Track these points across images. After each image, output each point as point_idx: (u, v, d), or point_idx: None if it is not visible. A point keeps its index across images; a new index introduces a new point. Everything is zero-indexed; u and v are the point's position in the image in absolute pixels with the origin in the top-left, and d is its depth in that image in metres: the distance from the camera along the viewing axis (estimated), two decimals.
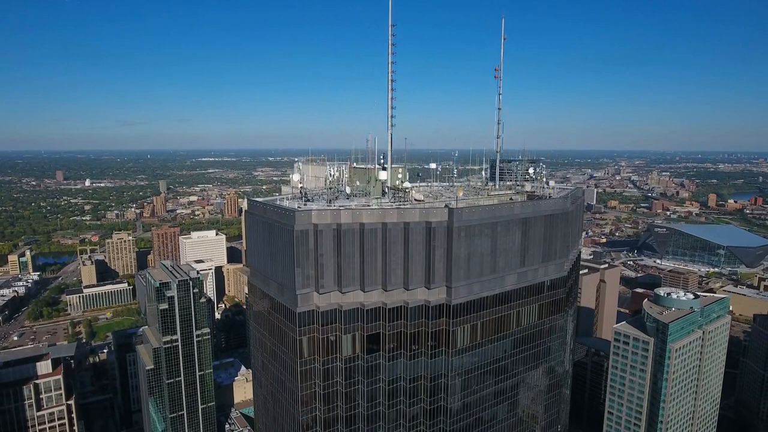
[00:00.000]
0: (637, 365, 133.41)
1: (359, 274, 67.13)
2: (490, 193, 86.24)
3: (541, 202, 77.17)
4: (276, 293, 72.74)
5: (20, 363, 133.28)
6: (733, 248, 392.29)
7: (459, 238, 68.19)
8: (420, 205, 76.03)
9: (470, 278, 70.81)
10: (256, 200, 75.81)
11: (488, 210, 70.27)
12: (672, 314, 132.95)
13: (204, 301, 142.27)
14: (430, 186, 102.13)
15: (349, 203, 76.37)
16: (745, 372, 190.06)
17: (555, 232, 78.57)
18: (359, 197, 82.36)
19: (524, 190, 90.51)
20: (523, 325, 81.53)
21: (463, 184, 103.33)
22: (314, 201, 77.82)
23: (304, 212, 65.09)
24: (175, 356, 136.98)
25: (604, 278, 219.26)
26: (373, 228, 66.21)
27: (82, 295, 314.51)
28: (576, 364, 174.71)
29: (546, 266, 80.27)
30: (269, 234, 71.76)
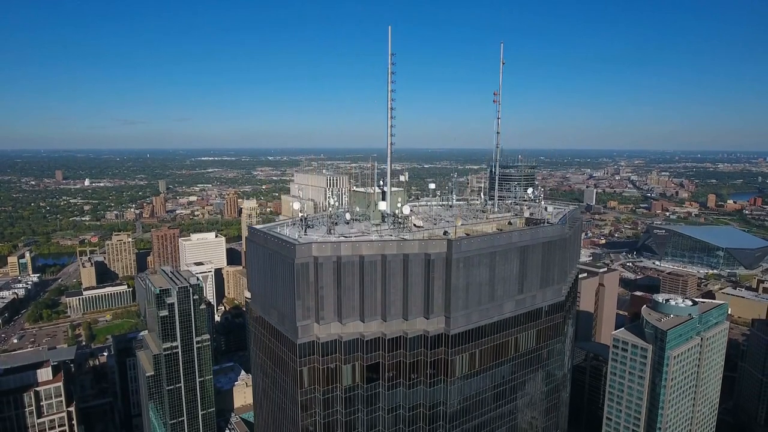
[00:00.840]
0: (636, 372, 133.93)
1: (359, 305, 68.04)
2: (489, 215, 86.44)
3: (539, 229, 77.40)
4: (276, 322, 74.04)
5: (21, 370, 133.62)
6: (732, 250, 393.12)
7: (458, 269, 69.56)
8: (419, 231, 76.50)
9: (469, 308, 71.91)
10: (257, 228, 76.52)
11: (487, 240, 70.76)
12: (670, 321, 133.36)
13: (204, 308, 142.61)
14: (429, 205, 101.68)
15: (349, 229, 77.01)
16: (743, 376, 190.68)
17: (553, 257, 79.13)
18: (360, 221, 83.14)
19: (523, 212, 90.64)
20: (521, 351, 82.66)
21: (462, 205, 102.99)
22: (314, 226, 78.41)
23: (304, 245, 66.10)
24: (175, 363, 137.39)
25: (603, 282, 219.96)
26: (372, 260, 67.29)
27: (82, 297, 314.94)
28: (575, 368, 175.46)
29: (544, 292, 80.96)
30: (270, 263, 73.04)
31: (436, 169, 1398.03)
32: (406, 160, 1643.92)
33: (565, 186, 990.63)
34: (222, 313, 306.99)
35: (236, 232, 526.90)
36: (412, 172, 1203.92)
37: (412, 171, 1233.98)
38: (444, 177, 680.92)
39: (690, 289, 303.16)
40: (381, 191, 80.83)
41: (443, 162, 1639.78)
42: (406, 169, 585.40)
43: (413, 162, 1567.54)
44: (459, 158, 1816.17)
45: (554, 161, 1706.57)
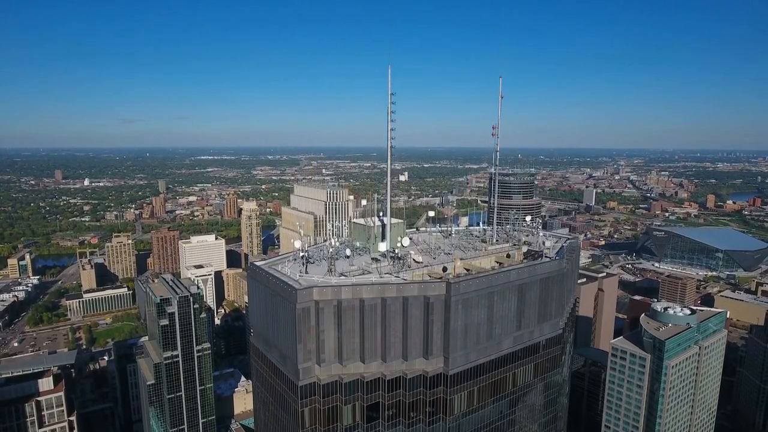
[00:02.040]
0: (634, 380, 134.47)
1: (359, 347, 69.19)
2: (488, 247, 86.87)
3: (537, 266, 77.90)
4: (278, 360, 75.34)
5: (22, 380, 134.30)
6: (731, 252, 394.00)
7: (456, 311, 70.72)
8: (419, 268, 77.22)
9: (467, 347, 73.14)
10: (258, 265, 77.43)
11: (485, 280, 71.36)
12: (669, 330, 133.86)
13: (204, 317, 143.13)
14: (429, 231, 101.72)
15: (349, 266, 77.98)
16: (741, 382, 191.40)
17: (550, 293, 79.88)
18: (360, 254, 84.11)
19: (521, 242, 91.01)
20: (518, 385, 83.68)
21: (461, 232, 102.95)
22: (315, 260, 79.18)
23: (305, 290, 67.09)
24: (176, 371, 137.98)
25: (602, 287, 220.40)
26: (372, 303, 68.29)
27: (82, 300, 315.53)
28: (574, 374, 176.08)
29: (541, 327, 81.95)
30: (271, 302, 74.26)
31: (435, 168, 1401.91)
32: (405, 160, 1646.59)
33: (564, 186, 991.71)
34: (222, 316, 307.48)
35: (236, 233, 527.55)
36: (412, 171, 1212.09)
37: (412, 170, 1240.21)
38: (444, 176, 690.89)
39: (689, 293, 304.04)
40: (381, 223, 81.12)
41: (443, 161, 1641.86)
42: (406, 169, 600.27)
43: (413, 161, 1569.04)
44: (459, 157, 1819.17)
45: (554, 160, 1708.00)
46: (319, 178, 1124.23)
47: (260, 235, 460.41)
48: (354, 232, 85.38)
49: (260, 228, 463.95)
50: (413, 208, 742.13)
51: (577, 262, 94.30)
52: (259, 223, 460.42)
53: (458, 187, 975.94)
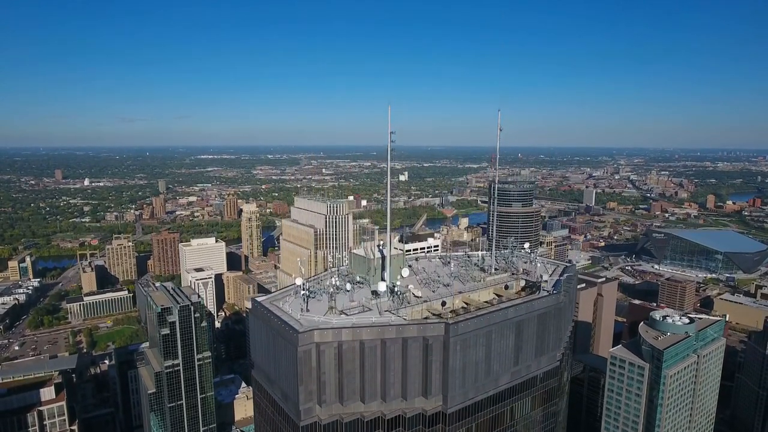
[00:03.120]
0: (633, 389, 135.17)
1: (359, 387, 70.11)
2: (486, 278, 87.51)
3: (534, 301, 78.56)
4: (280, 398, 76.48)
5: (24, 390, 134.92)
6: (731, 254, 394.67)
7: (455, 351, 71.84)
8: (418, 303, 77.73)
9: (465, 386, 74.03)
10: (260, 302, 78.36)
11: (483, 319, 72.13)
12: (667, 339, 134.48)
13: (205, 325, 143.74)
14: (429, 258, 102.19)
15: (349, 301, 78.81)
16: (740, 387, 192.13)
17: (548, 327, 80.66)
18: (361, 287, 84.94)
19: (519, 274, 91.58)
20: (516, 418, 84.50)
21: (460, 258, 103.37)
22: (316, 294, 79.85)
23: (306, 333, 68.16)
24: (177, 380, 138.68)
25: (602, 292, 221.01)
26: (372, 345, 69.44)
27: (83, 303, 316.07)
28: (573, 380, 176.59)
29: (539, 360, 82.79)
30: (272, 341, 75.37)
31: (435, 168, 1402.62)
32: (405, 159, 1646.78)
33: (564, 186, 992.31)
34: (222, 319, 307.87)
35: (236, 234, 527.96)
36: (412, 171, 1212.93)
37: (412, 170, 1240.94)
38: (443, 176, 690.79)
39: (688, 296, 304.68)
40: (381, 255, 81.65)
41: (443, 160, 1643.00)
42: (406, 169, 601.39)
43: (413, 161, 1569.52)
44: (458, 156, 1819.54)
45: (554, 160, 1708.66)
46: (319, 178, 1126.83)
47: (260, 237, 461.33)
48: (354, 263, 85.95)
49: (260, 230, 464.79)
50: (413, 209, 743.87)
51: (575, 292, 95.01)
52: (259, 225, 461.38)
53: (458, 187, 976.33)
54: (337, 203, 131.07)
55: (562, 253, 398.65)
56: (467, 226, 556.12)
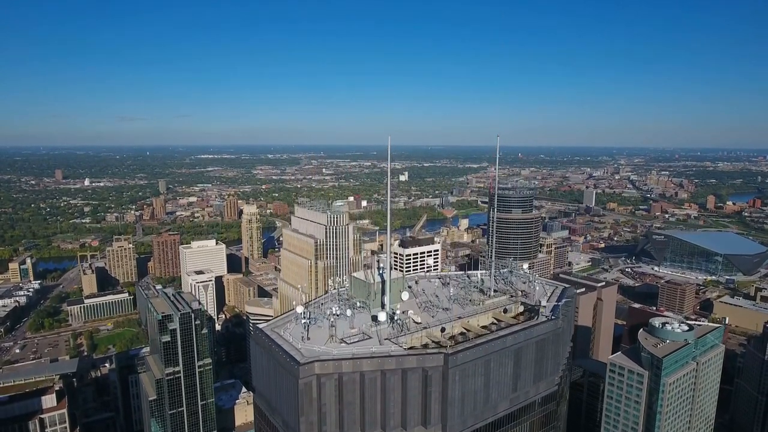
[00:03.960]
0: (632, 397, 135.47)
1: (359, 417, 71.05)
2: (486, 302, 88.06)
3: (533, 328, 79.00)
4: (281, 426, 77.34)
5: (25, 397, 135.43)
6: (731, 256, 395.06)
7: (454, 381, 72.66)
8: (417, 331, 78.43)
9: (464, 414, 74.75)
10: (262, 329, 79.27)
11: (482, 348, 72.70)
12: (666, 347, 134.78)
13: (205, 332, 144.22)
14: (428, 278, 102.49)
15: (349, 328, 79.50)
16: (739, 392, 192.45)
17: (546, 353, 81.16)
18: (361, 311, 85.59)
19: (518, 297, 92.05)
20: None
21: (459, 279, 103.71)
22: (316, 319, 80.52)
23: (307, 365, 69.17)
24: (178, 387, 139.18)
25: (601, 297, 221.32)
26: (372, 376, 70.23)
27: (83, 305, 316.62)
28: (573, 385, 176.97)
29: (537, 385, 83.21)
30: (274, 370, 76.23)
31: (435, 168, 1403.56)
32: (405, 159, 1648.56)
33: (564, 186, 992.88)
34: (223, 322, 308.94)
35: (236, 235, 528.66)
36: (412, 171, 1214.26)
37: (412, 170, 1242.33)
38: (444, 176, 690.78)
39: (688, 299, 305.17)
40: (381, 279, 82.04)
41: (443, 160, 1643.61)
42: (406, 169, 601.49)
43: (413, 161, 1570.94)
44: (459, 156, 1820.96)
45: (554, 159, 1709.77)
46: (319, 178, 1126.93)
47: (261, 238, 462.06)
48: (354, 287, 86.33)
49: (260, 231, 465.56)
50: (413, 209, 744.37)
51: (573, 315, 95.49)
52: (260, 227, 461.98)
53: (458, 187, 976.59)
54: (338, 214, 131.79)
55: (562, 255, 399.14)
56: (467, 227, 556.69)
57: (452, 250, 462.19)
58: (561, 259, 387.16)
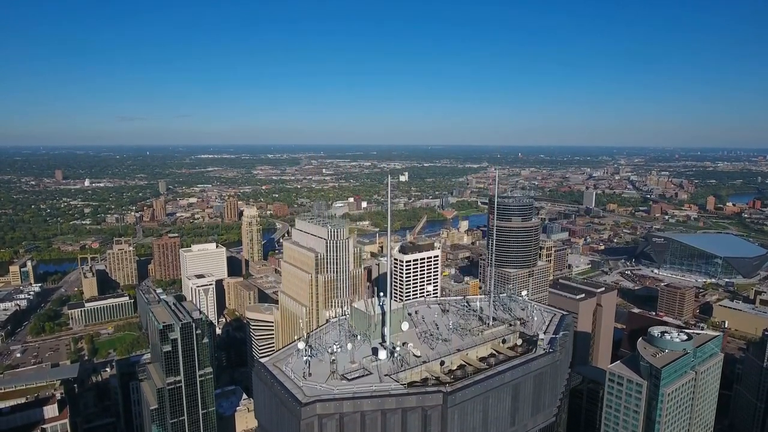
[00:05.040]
0: (631, 406, 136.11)
1: None
2: (485, 331, 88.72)
3: (531, 362, 79.52)
4: None
5: (27, 407, 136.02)
6: (730, 258, 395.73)
7: (453, 420, 73.39)
8: (417, 366, 79.15)
9: None
10: (264, 363, 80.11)
11: (480, 386, 73.21)
12: (665, 357, 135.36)
13: (206, 342, 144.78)
14: (428, 303, 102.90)
15: (350, 363, 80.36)
16: (738, 398, 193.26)
17: (544, 385, 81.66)
18: (362, 342, 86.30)
19: (517, 326, 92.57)
20: None
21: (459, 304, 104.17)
22: (317, 353, 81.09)
23: (309, 406, 69.98)
24: (179, 397, 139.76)
25: (601, 302, 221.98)
26: (373, 417, 71.08)
27: (84, 309, 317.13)
28: (572, 391, 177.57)
29: (535, 418, 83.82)
30: (276, 408, 76.92)
31: (435, 168, 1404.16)
32: (406, 159, 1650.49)
33: (564, 187, 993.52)
34: (223, 325, 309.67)
35: (236, 237, 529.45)
36: (412, 171, 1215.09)
37: (412, 170, 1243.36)
38: (444, 176, 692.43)
39: (687, 302, 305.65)
40: (381, 310, 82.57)
41: (443, 160, 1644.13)
42: (406, 169, 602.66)
43: (413, 161, 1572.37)
44: (459, 156, 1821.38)
45: (554, 159, 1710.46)
46: (319, 178, 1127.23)
47: (261, 240, 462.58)
48: (355, 318, 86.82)
49: (261, 234, 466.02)
50: (413, 210, 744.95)
51: (571, 344, 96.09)
52: (260, 230, 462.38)
53: (458, 188, 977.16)
54: (338, 227, 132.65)
55: (562, 257, 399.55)
56: (467, 229, 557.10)
57: (452, 252, 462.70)
58: (561, 261, 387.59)
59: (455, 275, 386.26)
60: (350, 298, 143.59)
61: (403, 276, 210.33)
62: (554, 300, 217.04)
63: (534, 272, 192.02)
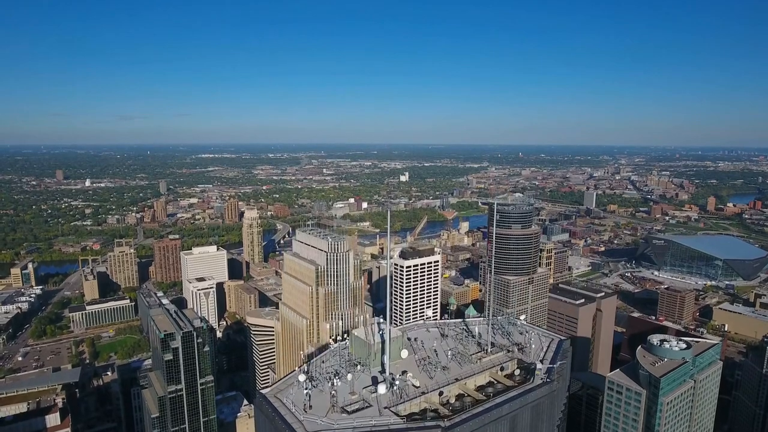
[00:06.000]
0: (630, 415, 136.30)
1: None
2: (483, 359, 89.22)
3: (529, 393, 79.98)
4: None
5: (30, 416, 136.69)
6: (730, 261, 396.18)
7: None
8: (416, 397, 79.32)
9: None
10: (265, 395, 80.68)
11: (478, 420, 73.57)
12: (664, 365, 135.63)
13: (207, 350, 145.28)
14: (427, 327, 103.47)
15: (350, 395, 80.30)
16: (737, 405, 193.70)
17: (541, 416, 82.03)
18: (362, 371, 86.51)
19: (515, 354, 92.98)
20: None
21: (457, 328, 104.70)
22: (318, 381, 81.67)
23: None
24: (180, 405, 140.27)
25: (601, 308, 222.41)
26: None
27: (85, 312, 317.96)
28: (571, 397, 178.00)
29: None
30: None
31: (436, 167, 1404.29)
32: (406, 158, 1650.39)
33: (565, 187, 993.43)
34: (224, 329, 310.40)
35: (237, 238, 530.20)
36: (413, 171, 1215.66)
37: (413, 170, 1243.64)
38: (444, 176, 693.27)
39: (687, 306, 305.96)
40: (381, 339, 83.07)
41: (443, 160, 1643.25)
42: (407, 168, 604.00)
43: (413, 160, 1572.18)
44: (459, 155, 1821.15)
45: (555, 159, 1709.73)
46: (319, 178, 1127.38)
47: (261, 242, 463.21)
48: (355, 346, 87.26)
49: (261, 236, 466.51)
50: (413, 211, 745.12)
51: (568, 371, 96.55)
52: (260, 232, 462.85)
53: (458, 188, 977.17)
54: (339, 240, 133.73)
55: (562, 259, 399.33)
56: (467, 230, 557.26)
57: (453, 253, 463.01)
58: (561, 263, 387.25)
59: (455, 277, 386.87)
60: (350, 311, 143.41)
61: (403, 281, 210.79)
62: (554, 305, 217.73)
63: (534, 279, 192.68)
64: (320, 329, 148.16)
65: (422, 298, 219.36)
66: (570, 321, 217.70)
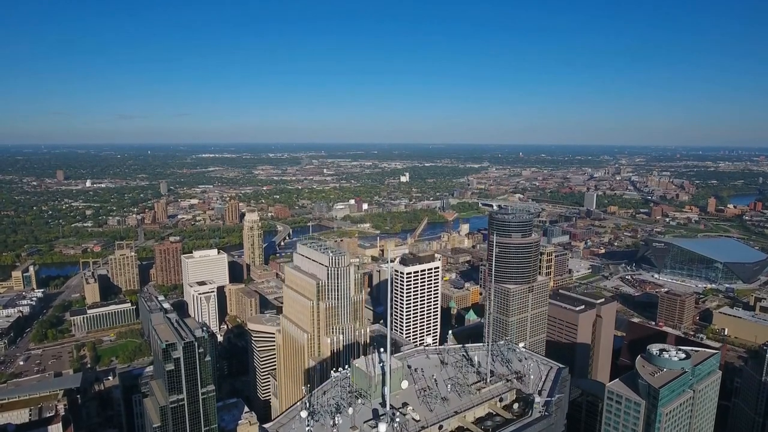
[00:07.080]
0: (629, 425, 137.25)
1: None
2: (482, 389, 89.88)
3: (527, 429, 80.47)
4: None
5: (32, 427, 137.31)
6: (730, 264, 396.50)
7: None
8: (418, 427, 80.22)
9: None
10: (266, 428, 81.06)
11: None
12: (663, 376, 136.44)
13: (209, 360, 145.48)
14: (427, 353, 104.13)
15: (350, 429, 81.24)
16: (736, 412, 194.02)
17: None
18: (363, 403, 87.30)
19: (514, 384, 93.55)
20: None
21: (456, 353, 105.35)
22: (319, 418, 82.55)
23: None
24: (182, 415, 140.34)
25: (601, 314, 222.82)
26: None
27: (86, 315, 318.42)
28: (571, 404, 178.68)
29: None
30: None
31: (436, 168, 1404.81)
32: (407, 158, 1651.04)
33: (565, 188, 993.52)
34: (225, 333, 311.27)
35: (237, 239, 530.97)
36: (413, 171, 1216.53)
37: (413, 170, 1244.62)
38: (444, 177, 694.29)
39: (687, 310, 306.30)
40: (381, 371, 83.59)
41: (444, 160, 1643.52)
42: (407, 169, 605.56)
43: (414, 160, 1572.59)
44: (459, 155, 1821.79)
45: (555, 159, 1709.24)
46: (320, 178, 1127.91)
47: (262, 245, 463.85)
48: (356, 377, 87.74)
49: (262, 238, 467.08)
50: (413, 212, 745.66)
51: (567, 402, 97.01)
52: (261, 234, 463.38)
53: (459, 188, 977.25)
54: (339, 255, 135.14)
55: (563, 262, 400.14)
56: (468, 232, 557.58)
57: (453, 256, 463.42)
58: (561, 266, 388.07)
59: (456, 280, 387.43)
60: (351, 325, 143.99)
61: (403, 288, 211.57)
62: (554, 312, 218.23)
63: (534, 288, 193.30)
64: (321, 343, 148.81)
65: (423, 304, 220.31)
66: (570, 327, 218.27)
